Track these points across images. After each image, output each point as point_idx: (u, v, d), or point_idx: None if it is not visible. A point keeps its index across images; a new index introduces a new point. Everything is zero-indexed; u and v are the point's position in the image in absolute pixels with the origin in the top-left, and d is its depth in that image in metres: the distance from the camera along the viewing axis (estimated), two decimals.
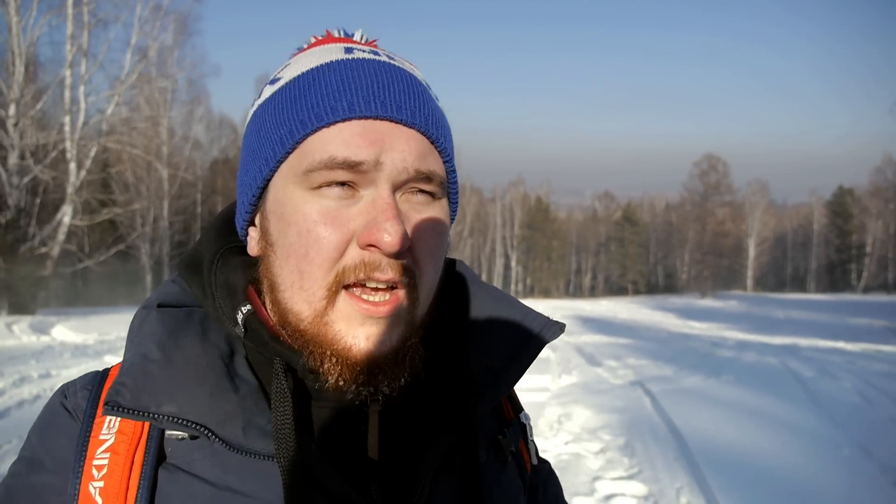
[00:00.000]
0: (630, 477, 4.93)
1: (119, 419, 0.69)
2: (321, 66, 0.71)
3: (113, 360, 9.64)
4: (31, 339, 12.52)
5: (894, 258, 59.91)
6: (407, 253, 0.67)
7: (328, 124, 0.66)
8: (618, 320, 23.39)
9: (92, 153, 20.35)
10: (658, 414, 6.84)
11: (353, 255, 0.66)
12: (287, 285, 0.69)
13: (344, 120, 0.66)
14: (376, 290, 0.67)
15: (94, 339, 12.74)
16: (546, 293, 64.27)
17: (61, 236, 19.59)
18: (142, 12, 21.40)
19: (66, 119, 19.17)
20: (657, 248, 71.71)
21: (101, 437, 0.68)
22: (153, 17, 22.06)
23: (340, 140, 0.66)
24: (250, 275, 0.76)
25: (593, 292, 69.76)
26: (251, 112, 0.77)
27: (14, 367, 8.82)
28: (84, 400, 0.73)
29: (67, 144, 19.09)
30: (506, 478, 0.83)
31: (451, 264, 0.87)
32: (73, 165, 19.37)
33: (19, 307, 17.96)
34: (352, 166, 0.65)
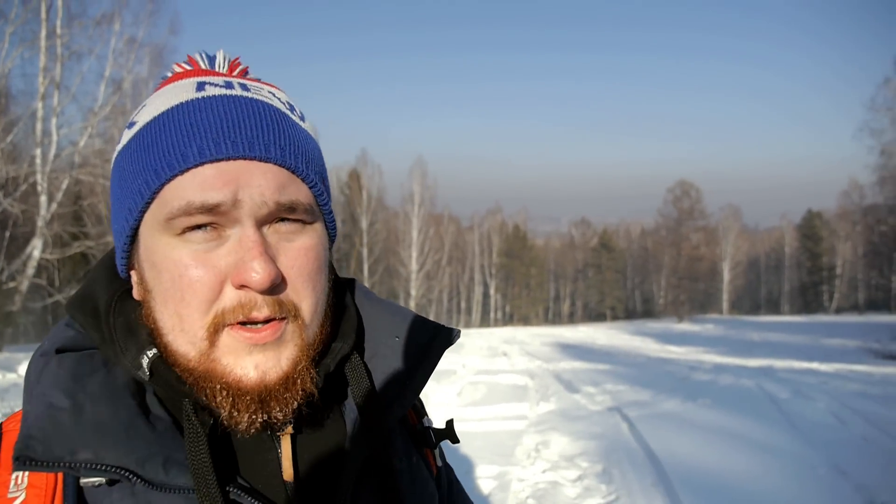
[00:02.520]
0: None
1: (27, 474, 0.66)
2: (171, 108, 0.71)
3: None
4: None
5: (864, 279, 61.12)
6: (282, 284, 0.69)
7: (181, 171, 0.67)
8: (596, 346, 23.44)
9: (63, 186, 20.10)
10: (636, 439, 6.83)
11: (230, 296, 0.67)
12: (169, 329, 0.70)
13: (196, 165, 0.67)
14: (255, 324, 0.68)
15: None
16: (525, 320, 64.27)
17: (31, 270, 19.19)
18: (116, 45, 21.38)
19: (38, 151, 18.94)
20: (634, 274, 72.46)
21: (10, 495, 0.65)
22: (128, 50, 22.05)
23: (196, 185, 0.66)
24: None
25: (572, 319, 69.95)
26: (114, 157, 0.76)
27: None
28: None
29: (38, 177, 18.82)
30: (420, 481, 0.87)
31: (348, 283, 0.90)
32: (43, 198, 19.07)
33: None
34: (210, 209, 0.66)
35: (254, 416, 0.68)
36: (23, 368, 13.37)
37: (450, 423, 0.93)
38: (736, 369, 13.62)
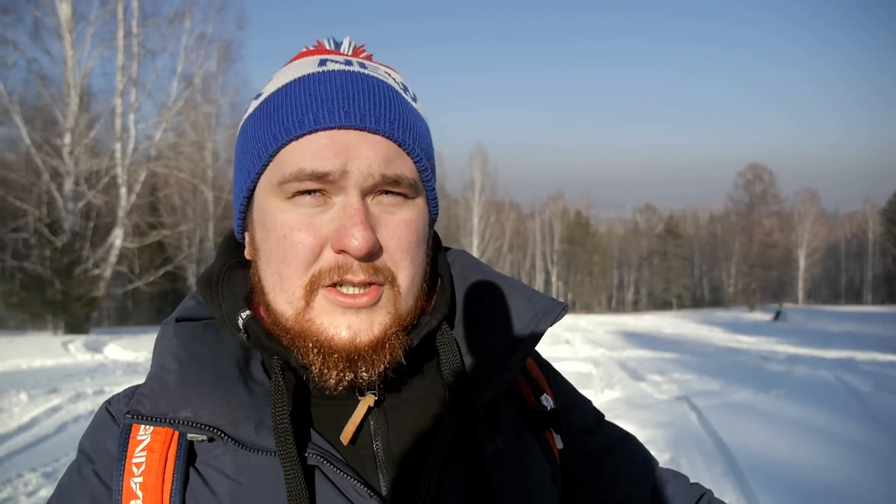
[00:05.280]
0: None
1: None
2: (294, 80, 0.75)
3: None
4: (85, 358, 12.98)
5: None
6: (380, 253, 0.71)
7: (297, 137, 0.71)
8: (662, 335, 22.89)
9: (141, 178, 21.13)
10: (704, 429, 6.66)
11: (328, 258, 0.70)
12: (270, 287, 0.74)
13: (311, 132, 0.70)
14: (352, 287, 0.71)
15: (144, 357, 13.13)
16: (588, 308, 63.36)
17: (113, 258, 20.33)
18: (187, 42, 22.24)
19: (118, 146, 19.98)
20: (702, 261, 70.14)
21: (139, 437, 0.74)
22: (198, 46, 22.90)
23: (308, 152, 0.70)
24: (250, 283, 0.80)
25: (636, 307, 68.48)
26: (240, 125, 0.81)
27: (70, 383, 9.17)
28: (124, 406, 0.79)
29: (118, 170, 19.87)
30: (527, 464, 0.83)
31: (457, 255, 0.91)
32: (123, 190, 20.13)
33: (74, 327, 18.66)
34: (319, 177, 0.69)
35: (342, 375, 0.70)
36: (108, 350, 14.22)
37: (554, 412, 0.88)
38: (812, 360, 13.04)
